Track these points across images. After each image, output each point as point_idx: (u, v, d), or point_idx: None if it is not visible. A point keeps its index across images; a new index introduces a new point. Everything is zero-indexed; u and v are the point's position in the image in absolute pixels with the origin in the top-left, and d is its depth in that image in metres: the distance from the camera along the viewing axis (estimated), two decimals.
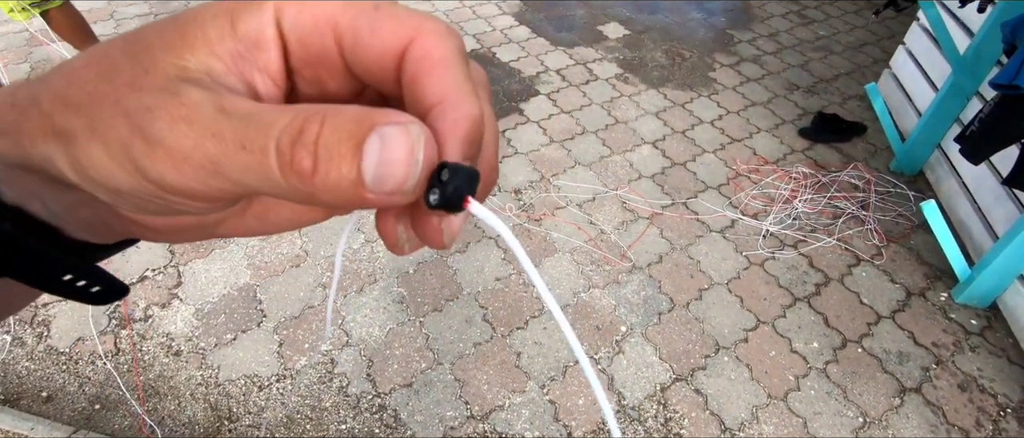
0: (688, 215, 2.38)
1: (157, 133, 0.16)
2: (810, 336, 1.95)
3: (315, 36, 0.19)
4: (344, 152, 0.16)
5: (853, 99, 3.19)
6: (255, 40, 0.18)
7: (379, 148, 0.16)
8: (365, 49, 0.18)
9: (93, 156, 0.17)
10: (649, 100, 3.06)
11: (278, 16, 0.18)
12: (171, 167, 0.16)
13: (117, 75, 0.17)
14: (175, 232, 0.22)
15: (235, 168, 0.16)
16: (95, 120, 0.17)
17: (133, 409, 1.64)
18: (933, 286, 2.13)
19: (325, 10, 0.18)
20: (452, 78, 0.18)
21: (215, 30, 0.18)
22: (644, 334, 1.92)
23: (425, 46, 0.18)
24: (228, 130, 0.16)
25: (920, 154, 2.56)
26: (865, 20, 4.05)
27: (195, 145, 0.16)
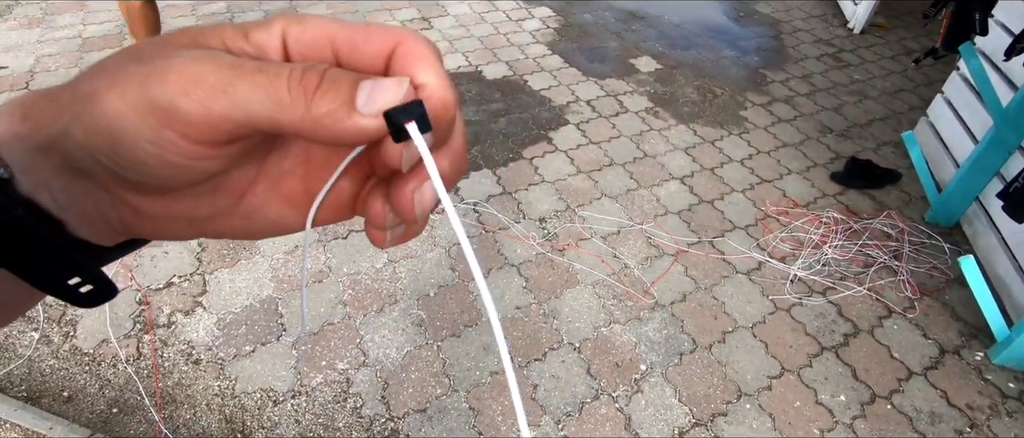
0: (714, 254, 2.34)
1: (177, 64, 0.19)
2: (837, 388, 1.88)
3: (314, 49, 0.22)
4: (344, 83, 0.20)
5: (887, 145, 3.13)
6: (263, 47, 0.22)
7: (371, 87, 0.20)
8: (360, 53, 0.22)
9: (107, 105, 0.19)
10: (678, 135, 3.05)
11: (284, 32, 0.22)
12: (180, 91, 0.19)
13: (144, 50, 0.20)
14: (166, 221, 0.24)
15: (246, 87, 0.19)
16: (118, 74, 0.19)
17: (150, 415, 1.65)
18: (968, 344, 2.06)
19: (325, 29, 0.22)
20: (432, 69, 0.22)
21: (230, 32, 0.22)
22: (664, 374, 1.87)
23: (409, 46, 0.22)
24: (248, 63, 0.20)
25: (957, 206, 2.49)
26: (902, 66, 4.00)
27: (213, 71, 0.19)
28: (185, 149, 0.20)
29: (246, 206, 0.25)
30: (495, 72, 3.45)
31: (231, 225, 0.25)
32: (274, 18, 0.22)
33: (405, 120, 0.20)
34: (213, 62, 0.19)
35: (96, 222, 0.23)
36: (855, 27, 4.44)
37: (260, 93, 0.19)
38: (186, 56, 0.19)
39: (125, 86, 0.19)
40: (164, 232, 0.25)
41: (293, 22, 0.22)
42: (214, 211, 0.24)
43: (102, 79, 0.20)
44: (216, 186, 0.24)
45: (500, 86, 3.32)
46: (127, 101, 0.19)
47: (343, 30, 0.22)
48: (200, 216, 0.24)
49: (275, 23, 0.22)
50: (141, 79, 0.19)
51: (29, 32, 3.32)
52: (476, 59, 3.56)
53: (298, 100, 0.19)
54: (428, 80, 0.21)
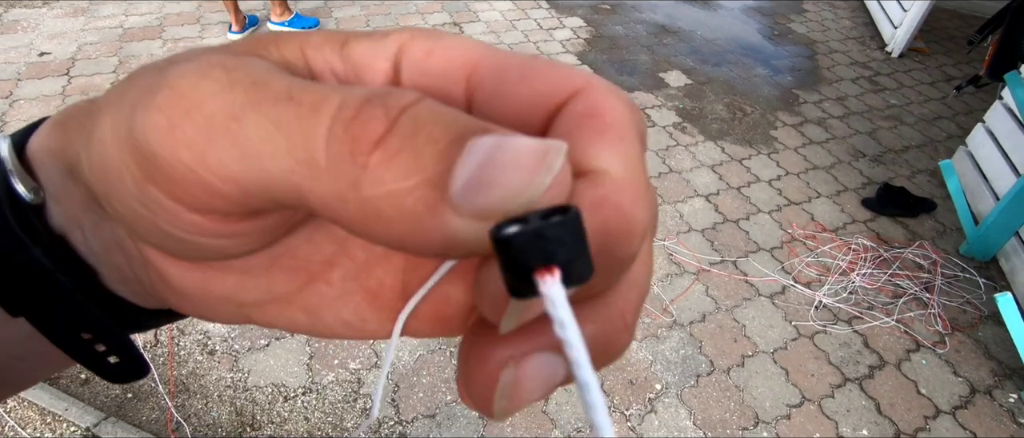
0: (737, 275, 2.29)
1: (170, 79, 0.12)
2: (860, 422, 1.81)
3: (441, 80, 0.15)
4: (437, 136, 0.11)
5: (922, 173, 3.04)
6: (360, 67, 0.15)
7: (489, 151, 0.11)
8: (507, 96, 0.14)
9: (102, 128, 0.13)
10: (706, 152, 3.00)
11: (400, 54, 0.15)
12: (163, 124, 0.12)
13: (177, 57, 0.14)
14: (201, 300, 0.17)
15: (259, 127, 0.11)
16: (129, 86, 0.14)
17: (163, 403, 1.66)
18: (1002, 385, 1.97)
19: (466, 54, 0.15)
20: (627, 153, 0.13)
21: (319, 38, 0.15)
22: (680, 395, 1.83)
23: (595, 101, 0.13)
24: (277, 82, 0.12)
25: (995, 240, 2.40)
26: (941, 92, 3.89)
27: (215, 91, 0.12)
28: (178, 218, 0.13)
29: (315, 296, 0.17)
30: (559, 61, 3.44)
31: (289, 317, 0.18)
32: (395, 29, 0.15)
33: (536, 263, 0.11)
34: (225, 75, 0.12)
35: (130, 279, 0.18)
36: (893, 51, 4.34)
37: (280, 138, 0.11)
38: (194, 67, 0.13)
39: (121, 107, 0.13)
40: (201, 311, 0.18)
41: (420, 37, 0.15)
42: (267, 296, 0.17)
43: (118, 89, 0.14)
44: (271, 263, 0.17)
45: None
46: (115, 130, 0.13)
47: (491, 58, 0.14)
48: (247, 300, 0.17)
49: (392, 35, 0.15)
50: (135, 100, 0.13)
51: (73, 20, 3.43)
52: None
53: (341, 163, 0.11)
54: (610, 167, 0.12)
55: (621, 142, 0.13)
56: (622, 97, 0.14)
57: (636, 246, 0.12)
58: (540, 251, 0.10)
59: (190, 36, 3.41)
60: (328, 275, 0.17)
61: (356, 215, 0.11)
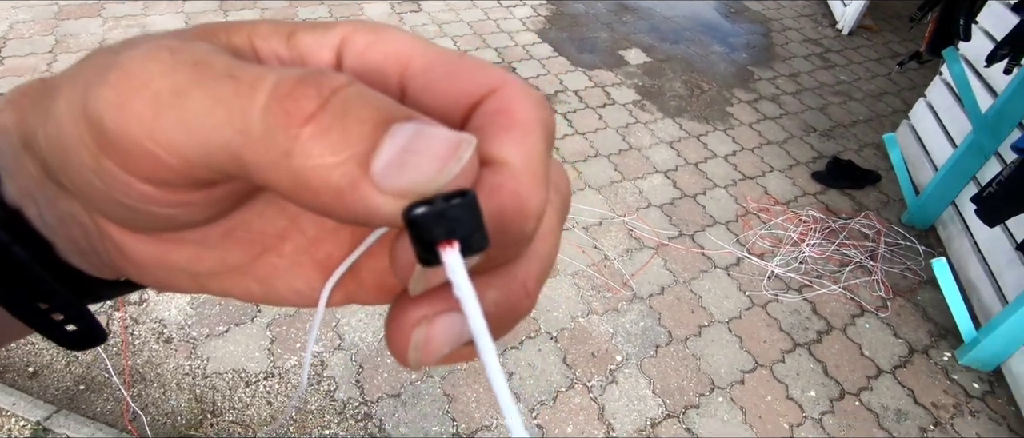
0: (694, 249, 2.35)
1: (120, 60, 0.13)
2: (808, 384, 1.91)
3: (378, 74, 0.16)
4: (362, 114, 0.12)
5: (869, 147, 3.17)
6: (305, 56, 0.16)
7: (409, 137, 0.12)
8: (433, 91, 0.15)
9: (57, 105, 0.14)
10: (664, 129, 3.05)
11: (342, 45, 0.16)
12: (114, 101, 0.13)
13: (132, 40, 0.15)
14: (159, 270, 0.18)
15: (202, 101, 0.12)
16: (83, 66, 0.14)
17: (118, 393, 1.62)
18: (937, 345, 2.10)
19: (401, 47, 0.16)
20: (528, 145, 0.14)
21: (267, 29, 0.16)
22: (639, 366, 1.89)
23: (508, 99, 0.14)
24: (218, 61, 0.13)
25: (933, 209, 2.53)
26: (888, 68, 4.04)
27: (161, 70, 0.13)
28: (133, 188, 0.14)
29: (265, 267, 0.18)
30: (484, 59, 3.42)
31: (243, 286, 0.19)
32: (339, 22, 0.16)
33: (440, 237, 0.12)
34: (171, 56, 0.13)
35: (86, 251, 0.18)
36: (844, 28, 4.47)
37: (220, 113, 0.12)
38: (142, 50, 0.13)
39: (75, 84, 0.14)
40: (158, 281, 0.18)
41: (361, 30, 0.16)
42: (221, 267, 0.18)
43: (73, 69, 0.15)
44: (226, 235, 0.17)
45: None
46: (70, 106, 0.13)
47: (424, 53, 0.15)
48: (202, 270, 0.18)
49: (336, 28, 0.16)
50: (89, 79, 0.13)
51: None
52: (465, 45, 3.52)
53: (274, 133, 0.12)
54: (509, 157, 0.14)
55: (524, 137, 0.14)
56: (532, 96, 0.15)
57: (531, 226, 0.14)
58: (442, 228, 0.12)
59: (132, 13, 3.25)
60: (280, 248, 0.18)
61: (287, 183, 0.12)
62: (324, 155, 0.12)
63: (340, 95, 0.12)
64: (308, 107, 0.12)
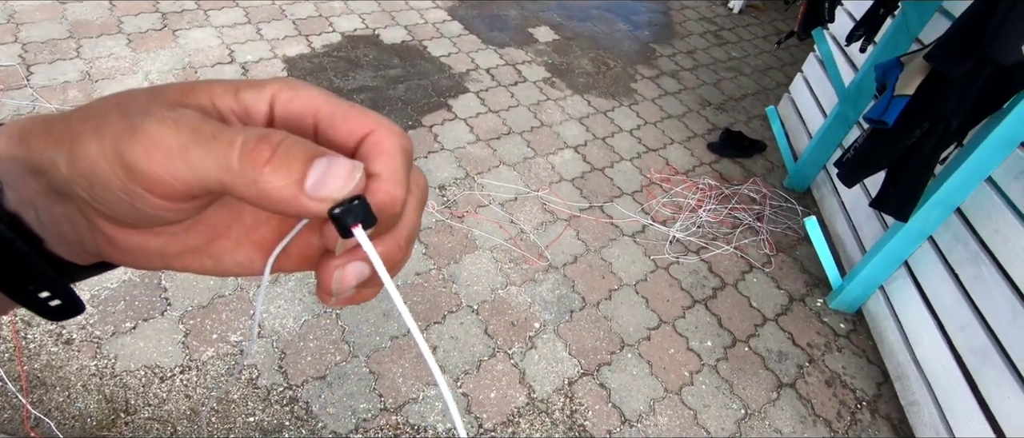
0: (603, 219, 2.51)
1: (145, 126, 0.20)
2: (705, 335, 2.12)
3: (298, 118, 0.23)
4: (297, 156, 0.20)
5: (757, 118, 3.47)
6: (249, 109, 0.23)
7: (325, 167, 0.20)
8: (334, 131, 0.23)
9: (88, 149, 0.20)
10: (574, 106, 3.18)
11: (274, 98, 0.23)
12: (144, 153, 0.20)
13: (133, 100, 0.21)
14: (139, 254, 0.25)
15: (199, 153, 0.20)
16: (102, 122, 0.21)
17: (15, 400, 1.53)
18: (811, 293, 2.39)
19: (313, 100, 0.23)
20: (393, 164, 0.23)
21: (220, 89, 0.23)
22: (556, 331, 2.01)
23: (381, 137, 0.23)
24: (206, 127, 0.20)
25: (809, 173, 2.84)
26: (773, 46, 4.40)
27: (172, 134, 0.20)
28: (150, 202, 0.21)
29: (217, 248, 0.26)
30: (393, 37, 3.38)
31: (199, 262, 0.26)
32: (269, 81, 0.23)
33: (351, 221, 0.21)
34: (176, 125, 0.20)
35: (73, 243, 0.25)
36: (735, 7, 4.80)
37: (211, 160, 0.20)
38: (156, 118, 0.20)
39: (103, 137, 0.20)
40: (135, 262, 0.25)
41: (285, 88, 0.23)
42: (185, 249, 0.25)
43: (89, 123, 0.21)
44: (190, 227, 0.25)
45: (399, 51, 3.27)
46: (103, 152, 0.20)
47: (327, 105, 0.23)
48: (171, 252, 0.25)
49: (268, 87, 0.23)
50: (116, 134, 0.20)
51: None
52: (373, 22, 3.46)
53: (247, 171, 0.20)
54: (381, 171, 0.22)
55: (390, 159, 0.23)
56: (395, 133, 0.23)
57: (397, 209, 0.23)
58: (352, 217, 0.21)
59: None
60: (228, 234, 0.26)
61: (255, 197, 0.20)
62: (277, 181, 0.20)
63: (283, 145, 0.20)
64: (265, 154, 0.20)
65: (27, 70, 2.55)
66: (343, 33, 3.30)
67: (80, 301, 0.26)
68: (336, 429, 1.62)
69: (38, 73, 2.55)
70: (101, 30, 2.89)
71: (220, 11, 3.23)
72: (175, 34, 2.99)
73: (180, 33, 3.01)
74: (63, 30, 2.83)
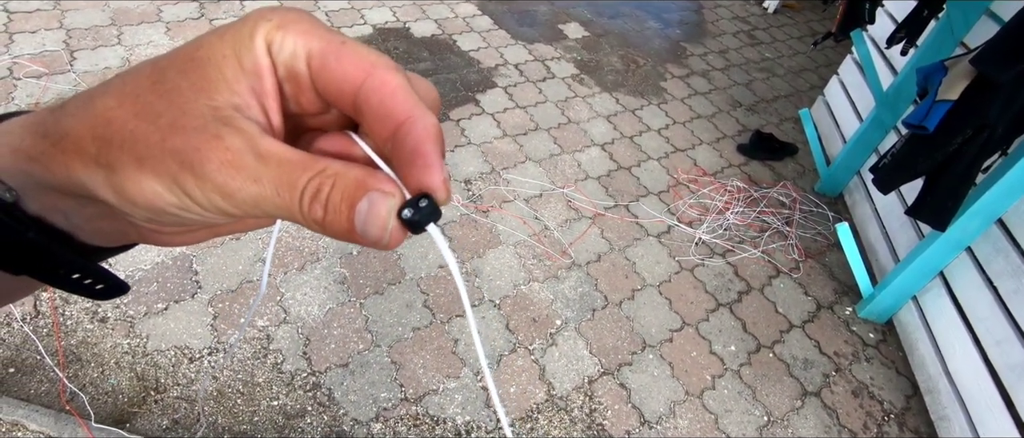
0: (628, 218, 2.49)
1: (209, 173, 0.21)
2: (729, 340, 2.09)
3: (294, 59, 0.23)
4: (343, 210, 0.22)
5: (789, 121, 3.39)
6: (259, 71, 0.23)
7: (367, 210, 0.21)
8: (330, 73, 0.23)
9: (144, 185, 0.21)
10: (602, 103, 3.15)
11: (269, 44, 0.23)
12: (220, 198, 0.21)
13: (157, 116, 0.21)
14: (186, 235, 0.26)
15: (270, 206, 0.22)
16: (143, 156, 0.21)
17: (51, 374, 1.58)
18: (840, 301, 2.33)
19: (303, 38, 0.23)
20: (412, 100, 0.23)
21: (230, 70, 0.22)
22: (577, 329, 2.01)
23: (382, 78, 0.23)
24: (266, 178, 0.21)
25: (842, 178, 2.77)
26: (807, 46, 4.30)
27: (240, 186, 0.21)
28: (214, 218, 0.23)
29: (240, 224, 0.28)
30: (423, 30, 3.39)
31: (233, 228, 0.28)
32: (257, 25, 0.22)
33: (423, 225, 0.22)
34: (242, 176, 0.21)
35: (111, 234, 0.26)
36: (769, 7, 4.70)
37: (283, 213, 0.22)
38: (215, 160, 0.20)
39: (159, 173, 0.21)
40: (182, 242, 0.27)
41: (275, 29, 0.23)
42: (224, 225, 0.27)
43: (123, 155, 0.21)
44: None
45: (428, 45, 3.28)
46: (166, 187, 0.21)
47: (319, 42, 0.23)
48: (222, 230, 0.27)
49: (258, 35, 0.22)
50: (176, 175, 0.21)
51: None
52: (404, 15, 3.48)
53: (312, 225, 0.22)
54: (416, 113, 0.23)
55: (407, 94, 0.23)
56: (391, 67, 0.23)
57: (442, 133, 0.24)
58: (426, 219, 0.22)
59: None
60: None
61: (317, 230, 0.22)
62: (333, 225, 0.22)
63: (330, 201, 0.22)
64: (320, 215, 0.22)
65: (71, 55, 2.63)
66: (374, 26, 3.33)
67: (124, 283, 0.27)
68: (357, 416, 1.65)
69: (81, 58, 2.63)
70: (141, 18, 2.97)
71: (256, 1, 3.29)
72: (211, 24, 3.05)
73: (216, 23, 3.07)
74: (106, 17, 2.91)
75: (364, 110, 0.23)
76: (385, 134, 0.23)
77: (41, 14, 2.81)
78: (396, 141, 0.23)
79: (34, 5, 2.85)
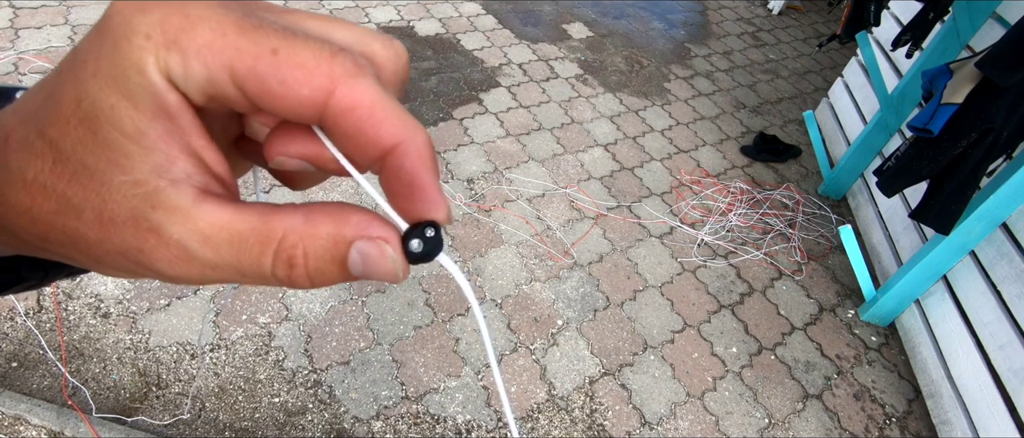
0: (631, 219, 2.48)
1: (161, 269, 0.18)
2: (730, 341, 2.09)
3: (212, 86, 0.17)
4: (332, 270, 0.19)
5: (793, 123, 3.39)
6: (165, 112, 0.17)
7: (361, 263, 0.19)
8: (276, 100, 0.17)
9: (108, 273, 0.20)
10: (605, 103, 3.15)
11: (166, 73, 0.17)
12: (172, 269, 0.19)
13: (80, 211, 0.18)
14: None
15: (244, 282, 0.20)
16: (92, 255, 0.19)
17: (54, 369, 1.59)
18: (843, 303, 2.33)
19: (212, 58, 0.17)
20: (394, 118, 0.18)
21: (128, 123, 0.17)
22: (579, 329, 2.01)
23: (351, 96, 0.18)
24: (223, 264, 0.18)
25: (845, 181, 2.76)
26: (812, 48, 4.29)
27: (201, 275, 0.19)
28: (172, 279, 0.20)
29: None
30: (427, 29, 3.39)
31: None
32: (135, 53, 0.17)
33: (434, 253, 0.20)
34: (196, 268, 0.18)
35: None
36: (774, 8, 4.69)
37: (257, 281, 0.19)
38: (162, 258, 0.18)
39: (117, 268, 0.19)
40: None
41: (163, 50, 0.17)
42: None
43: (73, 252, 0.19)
44: None
45: (432, 43, 3.28)
46: (116, 261, 0.19)
47: (242, 60, 0.17)
48: None
49: (146, 65, 0.17)
50: (132, 265, 0.18)
51: None
52: (408, 14, 3.48)
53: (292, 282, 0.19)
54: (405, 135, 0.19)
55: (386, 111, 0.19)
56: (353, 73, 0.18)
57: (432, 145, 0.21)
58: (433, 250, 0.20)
59: None
60: None
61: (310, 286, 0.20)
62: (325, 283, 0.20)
63: (311, 267, 0.19)
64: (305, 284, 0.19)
65: None
66: (378, 24, 3.33)
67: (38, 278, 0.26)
68: (358, 414, 1.65)
69: None
70: None
71: None
72: None
73: None
74: None
75: (335, 134, 0.19)
76: (367, 161, 0.19)
77: (47, 10, 2.82)
78: (387, 171, 0.19)
79: (40, 1, 2.86)
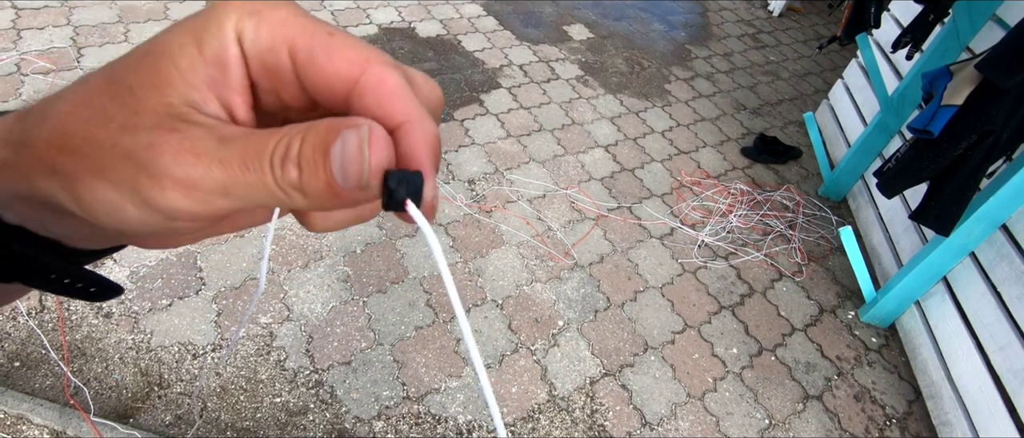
0: (631, 220, 2.49)
1: (163, 167, 0.18)
2: (731, 342, 2.09)
3: (271, 53, 0.20)
4: (318, 159, 0.19)
5: (793, 124, 3.39)
6: (222, 61, 0.20)
7: (341, 150, 0.18)
8: (319, 70, 0.20)
9: (99, 194, 0.19)
10: (606, 105, 3.16)
11: (239, 33, 0.20)
12: (180, 195, 0.18)
13: (109, 120, 0.19)
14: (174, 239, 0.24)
15: (241, 187, 0.19)
16: (97, 162, 0.19)
17: (56, 369, 1.59)
18: (843, 305, 2.33)
19: (283, 29, 0.20)
20: (411, 102, 0.21)
21: (186, 60, 0.20)
22: (579, 329, 2.01)
23: (379, 75, 0.20)
24: (232, 156, 0.19)
25: (845, 182, 2.77)
26: (812, 50, 4.30)
27: (204, 173, 0.18)
28: (187, 227, 0.20)
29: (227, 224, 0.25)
30: (428, 30, 3.40)
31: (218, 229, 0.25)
32: (224, 12, 0.20)
33: (402, 196, 0.20)
34: (204, 162, 0.18)
35: (93, 237, 0.24)
36: (774, 10, 4.70)
37: (257, 191, 0.19)
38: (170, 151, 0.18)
39: (115, 181, 0.19)
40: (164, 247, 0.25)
41: (246, 16, 0.20)
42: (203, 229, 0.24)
43: (77, 162, 0.19)
44: None
45: (433, 45, 3.29)
46: (123, 194, 0.19)
47: (303, 35, 0.20)
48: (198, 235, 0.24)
49: (227, 22, 0.20)
50: (131, 180, 0.18)
51: None
52: (409, 15, 3.48)
53: (291, 193, 0.19)
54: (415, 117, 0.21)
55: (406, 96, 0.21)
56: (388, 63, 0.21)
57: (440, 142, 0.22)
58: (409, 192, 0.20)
59: None
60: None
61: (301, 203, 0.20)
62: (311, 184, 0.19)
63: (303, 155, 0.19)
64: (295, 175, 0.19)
65: (78, 52, 2.64)
66: (379, 25, 3.34)
67: (115, 284, 0.27)
68: (359, 414, 1.65)
69: (88, 55, 2.64)
70: (148, 16, 2.98)
71: None
72: None
73: None
74: (113, 15, 2.92)
75: (357, 110, 0.21)
76: None
77: (49, 11, 2.82)
78: None
79: (42, 2, 2.87)
